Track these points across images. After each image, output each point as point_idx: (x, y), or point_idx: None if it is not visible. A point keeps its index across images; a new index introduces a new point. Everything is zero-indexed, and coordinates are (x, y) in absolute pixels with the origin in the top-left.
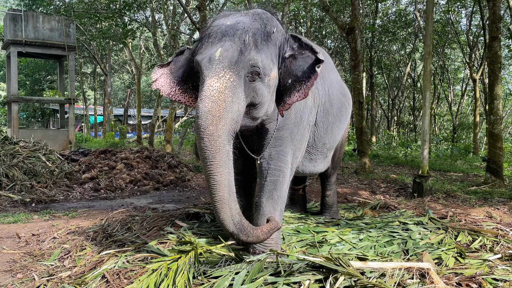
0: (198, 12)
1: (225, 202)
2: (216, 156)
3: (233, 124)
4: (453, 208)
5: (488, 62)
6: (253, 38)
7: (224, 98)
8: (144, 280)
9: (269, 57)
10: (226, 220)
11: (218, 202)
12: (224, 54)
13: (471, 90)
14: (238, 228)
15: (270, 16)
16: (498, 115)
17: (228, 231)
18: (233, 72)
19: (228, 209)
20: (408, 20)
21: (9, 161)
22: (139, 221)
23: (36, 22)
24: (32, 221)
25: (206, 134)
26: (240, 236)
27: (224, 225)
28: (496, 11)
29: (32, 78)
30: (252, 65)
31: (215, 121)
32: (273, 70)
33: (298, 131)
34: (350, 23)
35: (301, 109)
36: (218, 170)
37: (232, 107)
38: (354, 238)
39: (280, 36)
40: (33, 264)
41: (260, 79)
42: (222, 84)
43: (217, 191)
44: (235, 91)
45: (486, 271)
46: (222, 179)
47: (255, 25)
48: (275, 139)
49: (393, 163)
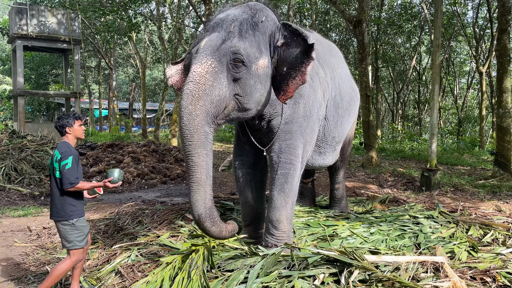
0: (203, 5)
1: (201, 185)
2: (194, 135)
3: (213, 107)
4: (462, 202)
5: (497, 55)
6: (239, 27)
7: (204, 82)
8: (159, 273)
9: (254, 46)
10: (198, 202)
11: (194, 183)
12: (208, 43)
13: (477, 83)
14: (208, 214)
15: (262, 7)
16: (507, 109)
17: (197, 214)
18: (215, 58)
19: (203, 192)
20: (414, 12)
21: (17, 155)
22: (150, 215)
23: (41, 16)
24: (42, 214)
25: (185, 113)
26: (206, 222)
27: (195, 207)
28: (506, 3)
29: (37, 72)
30: (234, 52)
31: (194, 101)
32: (261, 59)
33: (308, 125)
34: (358, 16)
35: (311, 103)
36: (196, 151)
37: (212, 90)
38: (365, 232)
39: (272, 25)
40: (45, 257)
41: (246, 68)
42: (203, 69)
43: (195, 173)
44: (216, 76)
45: (500, 265)
46: (200, 160)
47: (243, 16)
48: (284, 132)
49: (399, 157)
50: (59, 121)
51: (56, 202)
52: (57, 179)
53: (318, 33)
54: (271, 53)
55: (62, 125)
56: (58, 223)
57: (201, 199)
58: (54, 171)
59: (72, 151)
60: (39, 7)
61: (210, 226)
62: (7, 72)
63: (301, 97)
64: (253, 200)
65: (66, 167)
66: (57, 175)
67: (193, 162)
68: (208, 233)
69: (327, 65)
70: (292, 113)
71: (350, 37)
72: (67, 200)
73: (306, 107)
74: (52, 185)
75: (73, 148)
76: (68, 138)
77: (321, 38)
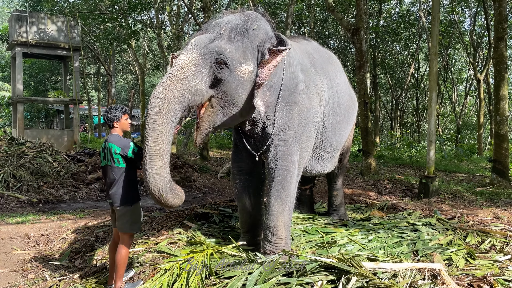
0: (202, 13)
1: (163, 155)
2: (165, 105)
3: (189, 94)
4: (460, 209)
5: (494, 63)
6: (229, 31)
7: (187, 68)
8: (157, 280)
9: (240, 51)
10: (158, 174)
11: (155, 153)
12: (197, 40)
13: (475, 91)
14: (169, 187)
15: (257, 16)
16: (504, 116)
17: (157, 188)
18: (200, 53)
19: (163, 163)
20: (411, 20)
21: (16, 162)
22: (148, 222)
23: (41, 23)
24: (40, 221)
25: (163, 85)
26: (168, 196)
27: (155, 179)
28: (502, 11)
29: (37, 79)
30: (218, 52)
31: (174, 79)
32: (246, 65)
33: (304, 132)
34: (355, 24)
35: (306, 110)
36: (163, 121)
37: (192, 79)
38: (363, 239)
39: (263, 34)
40: (44, 264)
41: (229, 70)
42: (187, 58)
43: (157, 142)
44: (198, 68)
45: (497, 272)
46: (165, 130)
47: (236, 22)
48: (280, 139)
49: (398, 164)
50: (107, 114)
51: (118, 189)
52: (121, 168)
53: (316, 42)
54: (258, 61)
55: (111, 119)
56: (121, 208)
57: (161, 171)
58: (117, 162)
59: (127, 139)
60: (39, 14)
61: (172, 199)
62: (6, 79)
63: (295, 104)
64: (251, 207)
65: (135, 150)
66: (122, 165)
67: (157, 130)
68: (170, 206)
69: (324, 73)
70: (287, 120)
71: (349, 45)
72: (129, 186)
73: (301, 114)
74: (113, 175)
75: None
76: (116, 131)
77: (320, 47)
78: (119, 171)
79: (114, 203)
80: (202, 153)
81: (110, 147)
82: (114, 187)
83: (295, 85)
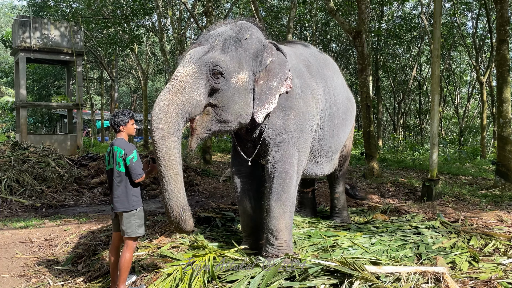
0: (204, 17)
1: (178, 173)
2: (168, 121)
3: (189, 106)
4: (463, 211)
5: (496, 65)
6: (223, 42)
7: (184, 80)
8: (160, 284)
9: (235, 60)
10: (180, 193)
11: (172, 172)
12: (192, 53)
13: (478, 93)
14: (187, 206)
15: (249, 25)
16: (507, 118)
17: (180, 206)
18: (196, 65)
19: (180, 181)
20: (413, 23)
21: (19, 167)
22: (151, 226)
23: (44, 29)
24: (43, 226)
25: (162, 100)
26: (186, 214)
27: (177, 198)
28: (504, 13)
29: (40, 84)
30: (213, 63)
31: (173, 93)
32: (241, 73)
33: (301, 136)
34: (357, 27)
35: (302, 115)
36: (170, 136)
37: (191, 91)
38: (366, 242)
39: (256, 42)
40: (47, 268)
41: (225, 80)
42: (184, 71)
43: (170, 160)
44: (195, 80)
45: (501, 275)
46: (174, 146)
47: (229, 32)
48: (277, 143)
49: (401, 167)
50: (114, 119)
51: (120, 194)
52: (121, 173)
53: (318, 45)
54: (254, 69)
55: (117, 123)
56: (123, 213)
57: (181, 190)
58: (118, 166)
59: (132, 145)
60: (42, 20)
61: (189, 219)
62: (10, 84)
63: (291, 109)
64: (252, 210)
65: (134, 160)
66: (122, 169)
67: (167, 148)
68: (185, 227)
69: (320, 77)
70: (283, 124)
71: (351, 48)
72: (131, 191)
73: (297, 118)
74: (115, 179)
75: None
76: (122, 135)
77: (317, 51)
78: (122, 176)
79: (117, 208)
80: (204, 156)
81: (116, 150)
82: (117, 191)
83: (290, 91)
